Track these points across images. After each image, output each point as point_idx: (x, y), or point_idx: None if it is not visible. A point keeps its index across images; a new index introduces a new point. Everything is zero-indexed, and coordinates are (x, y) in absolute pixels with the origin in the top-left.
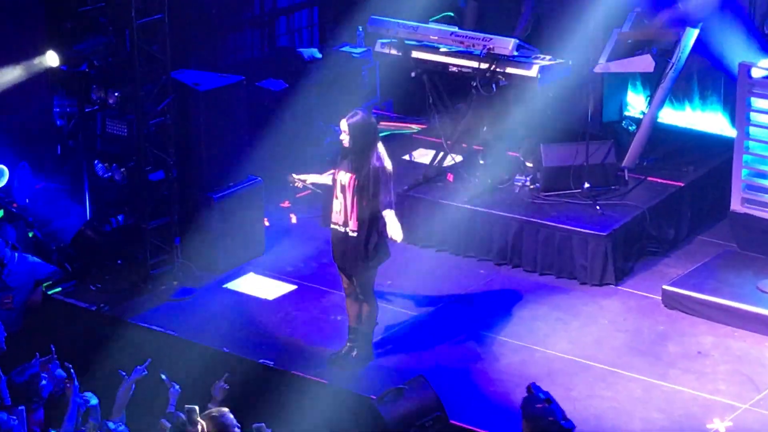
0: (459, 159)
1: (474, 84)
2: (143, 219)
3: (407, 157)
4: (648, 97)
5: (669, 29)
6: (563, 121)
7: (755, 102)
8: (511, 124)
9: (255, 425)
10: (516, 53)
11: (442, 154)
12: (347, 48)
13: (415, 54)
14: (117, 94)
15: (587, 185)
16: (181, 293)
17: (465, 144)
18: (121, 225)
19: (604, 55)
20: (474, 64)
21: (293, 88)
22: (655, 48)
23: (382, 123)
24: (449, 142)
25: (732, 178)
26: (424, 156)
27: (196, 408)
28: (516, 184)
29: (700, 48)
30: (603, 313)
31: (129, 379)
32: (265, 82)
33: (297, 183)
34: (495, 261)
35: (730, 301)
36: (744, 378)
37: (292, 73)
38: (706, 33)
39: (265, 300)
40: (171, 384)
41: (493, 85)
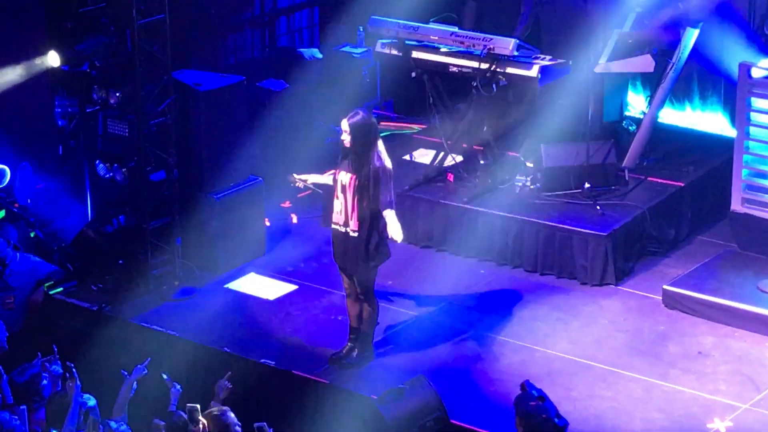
0: (459, 159)
1: (474, 84)
2: (144, 219)
3: (407, 157)
4: (648, 97)
5: (669, 29)
6: (563, 122)
7: (755, 102)
8: (512, 124)
9: (256, 425)
10: (516, 53)
11: (442, 154)
12: (347, 48)
13: (416, 54)
14: (118, 94)
15: (587, 185)
16: (182, 293)
17: (465, 144)
18: (122, 225)
19: (604, 55)
20: (474, 64)
21: (293, 88)
22: (655, 48)
23: (382, 123)
24: (449, 142)
25: (732, 178)
26: (424, 156)
27: (197, 407)
28: (516, 184)
29: (700, 48)
30: (603, 313)
31: (130, 378)
32: (266, 82)
33: (298, 183)
34: (495, 261)
35: (730, 301)
36: (744, 378)
37: (292, 73)
38: (705, 33)
39: (266, 300)
40: (172, 384)
41: (494, 85)
